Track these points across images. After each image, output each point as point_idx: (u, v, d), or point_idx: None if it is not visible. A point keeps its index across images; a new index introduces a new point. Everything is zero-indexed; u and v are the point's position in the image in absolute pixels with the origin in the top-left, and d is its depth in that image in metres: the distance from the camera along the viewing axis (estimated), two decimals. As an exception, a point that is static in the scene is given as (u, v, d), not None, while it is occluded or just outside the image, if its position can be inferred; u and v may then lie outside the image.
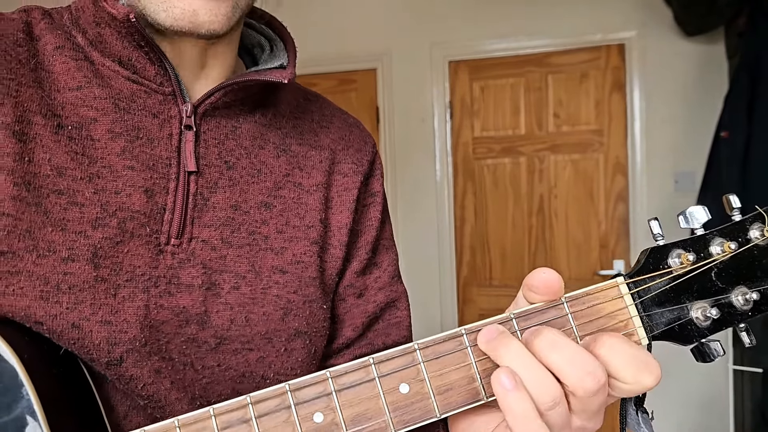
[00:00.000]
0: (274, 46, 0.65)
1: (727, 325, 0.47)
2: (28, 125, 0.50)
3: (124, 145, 0.53)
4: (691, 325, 0.46)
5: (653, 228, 0.48)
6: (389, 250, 0.70)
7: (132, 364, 0.50)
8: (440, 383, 0.44)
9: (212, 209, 0.56)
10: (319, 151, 0.66)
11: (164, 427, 0.42)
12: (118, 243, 0.51)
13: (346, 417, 0.43)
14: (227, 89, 0.56)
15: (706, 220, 0.48)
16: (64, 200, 0.50)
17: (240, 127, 0.60)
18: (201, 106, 0.56)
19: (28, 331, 0.47)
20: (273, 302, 0.57)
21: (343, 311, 0.65)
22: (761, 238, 0.47)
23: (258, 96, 0.61)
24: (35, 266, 0.48)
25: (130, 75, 0.55)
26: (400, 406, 0.43)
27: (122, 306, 0.50)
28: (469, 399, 0.44)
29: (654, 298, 0.46)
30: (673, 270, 0.46)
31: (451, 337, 0.45)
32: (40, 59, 0.54)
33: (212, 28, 0.52)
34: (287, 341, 0.58)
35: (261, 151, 0.61)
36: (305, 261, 0.60)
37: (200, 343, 0.54)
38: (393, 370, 0.44)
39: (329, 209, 0.64)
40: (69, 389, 0.48)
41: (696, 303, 0.46)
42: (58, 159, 0.51)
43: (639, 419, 0.48)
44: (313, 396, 0.43)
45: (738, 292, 0.46)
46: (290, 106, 0.66)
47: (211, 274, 0.55)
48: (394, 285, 0.69)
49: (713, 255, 0.47)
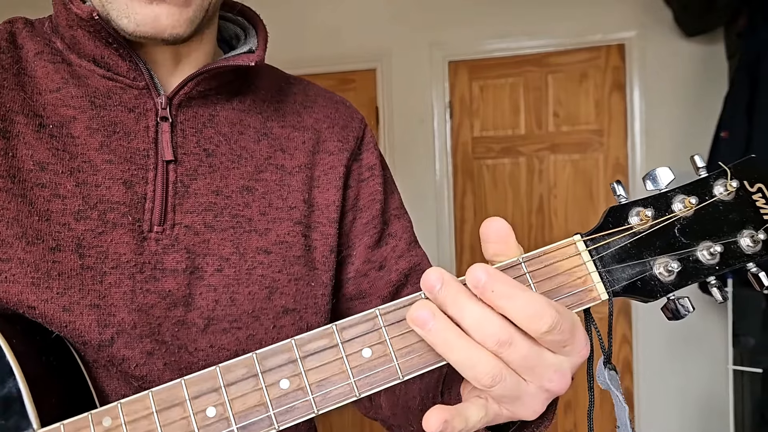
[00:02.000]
0: (248, 33, 0.67)
1: (694, 279, 0.47)
2: (11, 124, 0.54)
3: (101, 140, 0.56)
4: (655, 280, 0.46)
5: (616, 189, 0.48)
6: (401, 218, 0.72)
7: (123, 345, 0.52)
8: (402, 346, 0.44)
9: (193, 195, 0.58)
10: (302, 132, 0.67)
11: (139, 397, 0.43)
12: (100, 233, 0.54)
13: (312, 382, 0.44)
14: (199, 78, 0.58)
15: (671, 179, 0.48)
16: (47, 192, 0.53)
17: (218, 114, 0.62)
18: (176, 97, 0.59)
19: (20, 321, 0.50)
20: (258, 282, 0.59)
21: (368, 286, 0.67)
22: (725, 193, 0.47)
23: (234, 83, 0.63)
24: (25, 253, 0.50)
25: (105, 72, 0.57)
26: (364, 369, 0.44)
27: (109, 291, 0.53)
28: (430, 359, 0.45)
29: (614, 255, 0.46)
30: (633, 227, 0.46)
31: (410, 301, 0.45)
32: (22, 65, 0.57)
33: (175, 32, 0.54)
34: (275, 318, 0.60)
35: (241, 137, 0.63)
36: (289, 241, 0.62)
37: (189, 325, 0.56)
38: (356, 335, 0.45)
39: (315, 188, 0.65)
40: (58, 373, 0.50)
41: (659, 258, 0.46)
42: (40, 155, 0.54)
43: (606, 375, 0.48)
44: (279, 363, 0.44)
45: (703, 247, 0.46)
46: (271, 91, 0.68)
47: (195, 258, 0.57)
48: (412, 250, 0.70)
49: (675, 211, 0.47)
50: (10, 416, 0.44)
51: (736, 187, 0.46)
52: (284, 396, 0.43)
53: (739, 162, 0.47)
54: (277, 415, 0.43)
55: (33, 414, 0.44)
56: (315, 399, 0.43)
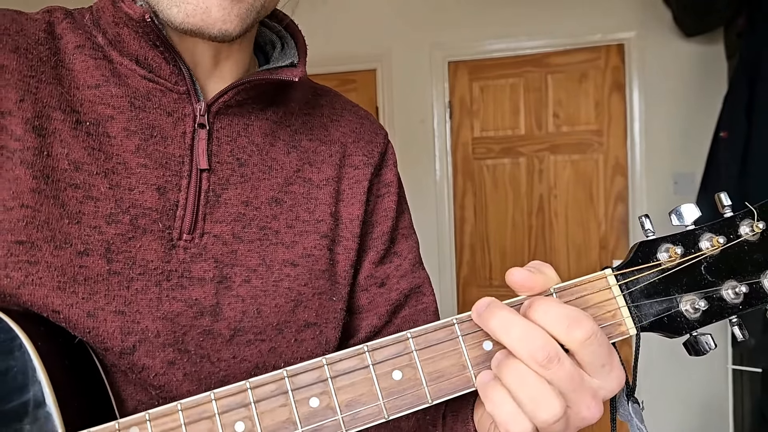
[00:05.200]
0: (285, 43, 0.66)
1: (718, 318, 0.47)
2: (47, 120, 0.52)
3: (138, 143, 0.55)
4: (681, 317, 0.47)
5: (644, 224, 0.49)
6: (408, 239, 0.72)
7: (144, 353, 0.52)
8: (432, 370, 0.45)
9: (224, 205, 0.58)
10: (329, 146, 0.67)
11: (168, 410, 0.43)
12: (130, 239, 0.53)
13: (341, 402, 0.44)
14: (240, 88, 0.57)
15: (697, 216, 0.49)
16: (81, 194, 0.52)
17: (252, 124, 0.61)
18: (214, 104, 0.58)
19: (44, 323, 0.49)
20: (284, 294, 0.59)
21: (366, 301, 0.67)
22: (751, 233, 0.47)
23: (270, 94, 0.62)
24: (53, 257, 0.50)
25: (147, 74, 0.56)
26: (393, 392, 0.44)
27: (135, 298, 0.52)
28: (460, 386, 0.45)
29: (643, 290, 0.47)
30: (661, 263, 0.47)
31: (443, 326, 0.46)
32: (60, 57, 0.55)
33: (224, 28, 0.51)
34: (297, 332, 0.59)
35: (272, 148, 0.62)
36: (315, 254, 0.61)
37: (215, 335, 0.55)
38: (386, 358, 0.45)
39: (340, 202, 0.65)
40: (80, 377, 0.49)
41: (685, 295, 0.47)
42: (76, 154, 0.53)
43: (630, 409, 0.48)
44: (309, 382, 0.44)
45: (728, 286, 0.47)
46: (300, 103, 0.67)
47: (223, 267, 0.56)
48: (416, 272, 0.70)
49: (702, 249, 0.47)
50: (36, 421, 0.43)
51: (762, 229, 0.46)
52: (313, 414, 0.44)
53: (764, 203, 0.48)
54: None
55: (59, 421, 0.44)
56: (344, 419, 0.44)
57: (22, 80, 0.52)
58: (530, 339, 0.42)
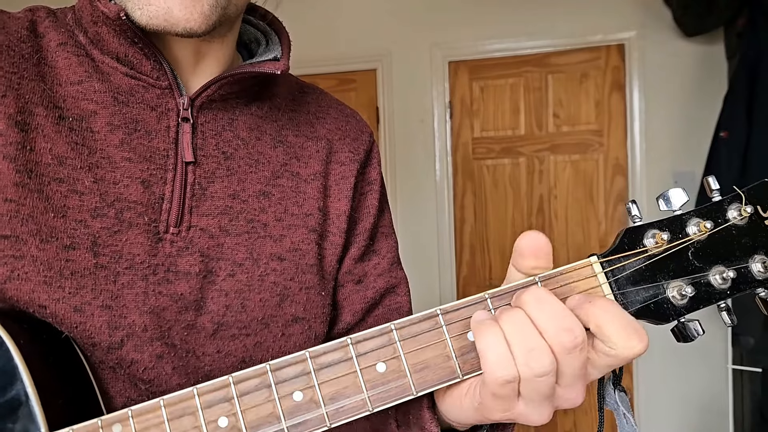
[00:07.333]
0: (270, 40, 0.67)
1: (705, 304, 0.47)
2: (30, 116, 0.52)
3: (122, 137, 0.55)
4: (668, 304, 0.47)
5: (631, 210, 0.49)
6: (388, 237, 0.71)
7: (132, 348, 0.52)
8: (416, 361, 0.45)
9: (210, 198, 0.58)
10: (315, 142, 0.67)
11: (150, 406, 0.43)
12: (116, 232, 0.53)
13: (325, 395, 0.44)
14: (222, 82, 0.58)
15: (684, 201, 0.48)
16: (65, 188, 0.52)
17: (237, 119, 0.61)
18: (198, 99, 0.58)
19: (28, 321, 0.49)
20: (270, 289, 0.59)
21: (342, 297, 0.67)
22: (739, 217, 0.47)
23: (254, 89, 0.63)
24: (39, 251, 0.49)
25: (128, 71, 0.56)
26: (377, 384, 0.44)
27: (122, 292, 0.52)
28: (444, 377, 0.45)
29: (629, 277, 0.47)
30: (648, 249, 0.47)
31: (426, 317, 0.45)
32: (43, 54, 0.56)
33: (188, 26, 0.52)
34: (284, 326, 0.59)
35: (258, 142, 0.62)
36: (303, 248, 0.61)
37: (199, 329, 0.55)
38: (370, 350, 0.45)
39: (328, 197, 0.65)
40: (65, 375, 0.49)
41: (672, 282, 0.47)
42: (59, 149, 0.53)
43: (616, 397, 0.48)
44: (292, 375, 0.44)
45: (716, 271, 0.47)
46: (286, 99, 0.67)
47: (209, 261, 0.56)
48: (393, 271, 0.70)
49: (689, 235, 0.47)
50: (18, 420, 0.43)
51: (750, 213, 0.46)
52: (297, 408, 0.44)
53: (752, 186, 0.47)
54: (290, 427, 0.43)
55: (41, 419, 0.44)
56: (328, 412, 0.44)
57: (5, 77, 0.52)
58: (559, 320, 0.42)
